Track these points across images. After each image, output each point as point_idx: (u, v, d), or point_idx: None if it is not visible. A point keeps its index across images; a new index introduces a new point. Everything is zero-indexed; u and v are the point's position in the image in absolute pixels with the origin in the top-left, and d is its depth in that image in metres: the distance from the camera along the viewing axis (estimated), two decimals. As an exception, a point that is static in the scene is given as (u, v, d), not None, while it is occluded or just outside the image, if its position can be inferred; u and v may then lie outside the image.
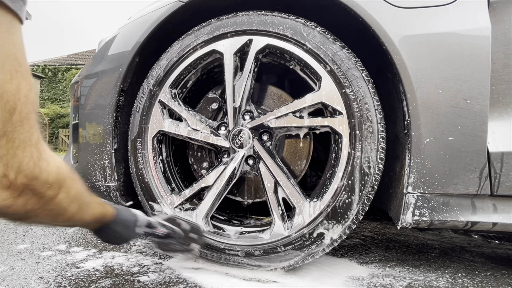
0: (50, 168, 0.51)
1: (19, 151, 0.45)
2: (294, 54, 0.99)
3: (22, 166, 0.46)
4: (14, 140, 0.44)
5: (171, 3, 1.08)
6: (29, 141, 0.46)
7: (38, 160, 0.48)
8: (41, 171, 0.49)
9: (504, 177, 0.87)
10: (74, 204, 0.60)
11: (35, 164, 0.47)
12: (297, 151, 1.12)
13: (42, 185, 0.50)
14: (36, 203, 0.51)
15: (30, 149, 0.47)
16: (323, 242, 0.95)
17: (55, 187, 0.53)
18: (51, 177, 0.51)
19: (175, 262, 1.07)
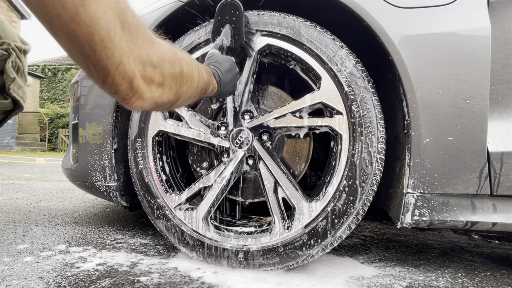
0: (164, 47, 0.53)
1: (138, 40, 0.46)
2: (294, 54, 0.99)
3: (148, 52, 0.47)
4: (131, 30, 0.44)
5: (171, 3, 1.08)
6: (139, 27, 0.46)
7: (153, 44, 0.49)
8: (161, 53, 0.50)
9: (504, 177, 0.87)
10: (193, 67, 0.64)
11: (154, 48, 0.49)
12: (297, 151, 1.12)
13: (169, 65, 0.52)
14: (176, 82, 0.55)
15: (143, 36, 0.47)
16: (323, 242, 0.95)
17: (177, 61, 0.55)
18: (168, 54, 0.53)
19: (176, 262, 1.07)
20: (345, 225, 0.93)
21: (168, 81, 0.53)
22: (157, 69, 0.50)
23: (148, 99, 0.50)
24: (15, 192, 2.45)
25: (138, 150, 1.11)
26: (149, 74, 0.48)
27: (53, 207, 1.93)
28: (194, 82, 0.64)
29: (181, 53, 0.61)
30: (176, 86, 0.57)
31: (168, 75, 0.53)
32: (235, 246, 1.01)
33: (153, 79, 0.49)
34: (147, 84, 0.49)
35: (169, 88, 0.54)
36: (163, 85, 0.52)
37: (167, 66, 0.52)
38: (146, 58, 0.47)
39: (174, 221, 1.07)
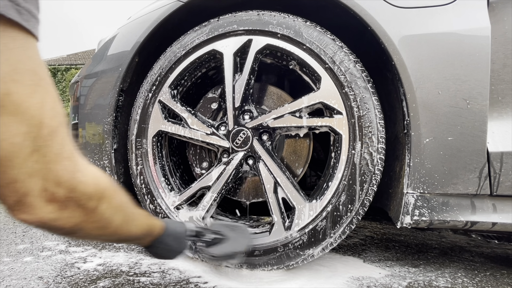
0: (87, 179, 0.51)
1: (53, 165, 0.45)
2: (294, 54, 0.99)
3: (59, 179, 0.46)
4: (46, 155, 0.44)
5: (170, 3, 1.08)
6: (61, 154, 0.46)
7: (74, 173, 0.48)
8: (78, 183, 0.49)
9: (504, 177, 0.87)
10: (118, 215, 0.60)
11: (71, 177, 0.48)
12: (297, 151, 1.12)
13: (81, 196, 0.50)
14: (80, 215, 0.52)
15: (64, 162, 0.47)
16: (322, 242, 0.95)
17: (95, 197, 0.53)
18: (89, 187, 0.51)
19: (175, 262, 1.07)
20: (345, 225, 0.93)
21: (72, 209, 0.50)
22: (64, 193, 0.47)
23: (38, 217, 0.46)
24: (15, 192, 2.45)
25: (138, 150, 1.11)
26: (52, 194, 0.46)
27: (53, 207, 1.93)
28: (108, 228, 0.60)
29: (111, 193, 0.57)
30: (80, 219, 0.52)
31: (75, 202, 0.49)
32: (235, 246, 1.01)
33: (54, 199, 0.47)
34: (44, 202, 0.46)
35: (70, 216, 0.50)
36: (63, 209, 0.49)
37: (79, 195, 0.50)
38: (53, 181, 0.45)
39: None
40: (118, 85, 1.12)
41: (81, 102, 1.22)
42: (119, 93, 1.13)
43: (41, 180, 0.44)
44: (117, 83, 1.12)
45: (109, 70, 1.16)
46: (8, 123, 0.39)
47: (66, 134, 0.48)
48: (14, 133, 0.40)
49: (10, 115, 0.39)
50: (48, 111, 0.44)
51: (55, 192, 0.46)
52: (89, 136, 1.19)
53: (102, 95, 1.16)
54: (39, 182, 0.44)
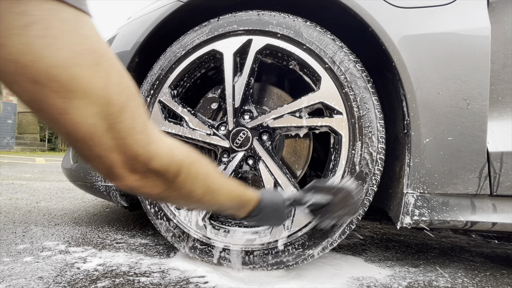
0: (162, 151, 0.53)
1: (127, 139, 0.47)
2: (294, 54, 0.99)
3: (135, 152, 0.49)
4: (120, 130, 0.46)
5: (170, 3, 1.08)
6: (134, 128, 0.48)
7: (147, 145, 0.50)
8: (153, 155, 0.51)
9: (504, 177, 0.87)
10: (199, 185, 0.62)
11: (145, 150, 0.50)
12: (297, 151, 1.12)
13: (158, 167, 0.52)
14: (162, 184, 0.55)
15: (137, 136, 0.48)
16: (323, 242, 0.95)
17: (172, 169, 0.55)
18: (163, 159, 0.53)
19: (175, 262, 1.07)
20: (345, 225, 0.93)
21: (153, 178, 0.54)
22: (142, 166, 0.51)
23: (127, 183, 0.52)
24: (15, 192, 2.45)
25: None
26: (132, 166, 0.50)
27: (53, 207, 1.93)
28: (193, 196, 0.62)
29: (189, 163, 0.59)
30: (163, 187, 0.56)
31: (153, 173, 0.53)
32: (236, 246, 1.01)
33: (135, 170, 0.51)
34: (128, 172, 0.50)
35: (153, 184, 0.54)
36: (146, 178, 0.53)
37: (154, 167, 0.52)
38: (130, 155, 0.49)
39: (174, 221, 1.06)
40: (118, 85, 1.12)
41: (81, 102, 1.22)
42: (119, 93, 1.13)
43: (120, 154, 0.47)
44: (117, 83, 1.12)
45: (109, 70, 1.16)
46: (80, 107, 0.41)
47: (137, 106, 0.49)
48: (87, 115, 0.42)
49: (80, 99, 0.41)
50: (113, 88, 0.44)
51: (134, 164, 0.50)
52: (89, 136, 1.19)
53: (102, 95, 1.16)
54: (119, 156, 0.48)
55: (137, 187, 0.53)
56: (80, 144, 0.45)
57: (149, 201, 1.10)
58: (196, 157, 0.61)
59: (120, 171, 0.49)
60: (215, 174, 0.66)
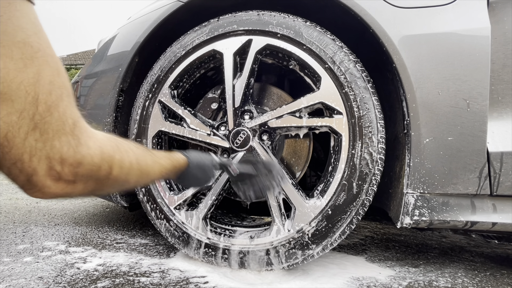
0: (92, 151, 0.49)
1: (55, 141, 0.43)
2: (294, 54, 0.99)
3: (62, 156, 0.44)
4: (47, 131, 0.42)
5: (170, 3, 1.08)
6: (63, 129, 0.44)
7: (77, 147, 0.46)
8: (82, 157, 0.47)
9: (504, 177, 0.87)
10: (133, 173, 0.59)
11: (74, 152, 0.45)
12: (297, 151, 1.12)
13: (90, 169, 0.48)
14: (95, 184, 0.51)
15: (66, 137, 0.44)
16: (323, 242, 0.95)
17: (105, 166, 0.51)
18: (95, 159, 0.49)
19: (175, 262, 1.07)
20: (345, 225, 0.93)
21: (84, 181, 0.49)
22: (70, 170, 0.46)
23: (51, 194, 0.46)
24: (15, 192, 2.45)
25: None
26: (58, 173, 0.45)
27: (53, 207, 1.93)
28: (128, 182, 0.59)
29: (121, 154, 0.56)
30: (95, 186, 0.52)
31: (83, 176, 0.48)
32: (235, 246, 1.01)
33: (61, 177, 0.45)
34: (53, 180, 0.45)
35: (84, 187, 0.50)
36: (74, 183, 0.48)
37: (87, 168, 0.48)
38: (57, 159, 0.44)
39: (174, 221, 1.07)
40: (118, 85, 1.12)
41: (81, 102, 1.22)
42: (119, 93, 1.13)
43: (44, 159, 0.42)
44: (117, 83, 1.12)
45: (109, 70, 1.16)
46: (1, 100, 0.37)
47: (68, 106, 0.44)
48: (8, 111, 0.38)
49: (2, 93, 0.37)
50: (44, 86, 0.41)
51: (61, 171, 0.45)
52: (89, 136, 1.19)
53: (102, 95, 1.16)
54: (43, 162, 0.42)
55: (65, 193, 0.48)
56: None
57: (149, 200, 1.10)
58: (126, 145, 0.58)
59: (42, 179, 0.43)
60: (145, 155, 0.64)
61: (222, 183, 1.03)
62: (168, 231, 1.08)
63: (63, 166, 0.45)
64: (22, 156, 0.41)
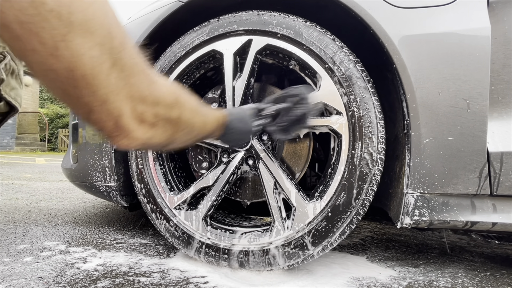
0: (165, 89, 0.49)
1: (133, 79, 0.43)
2: (294, 54, 0.99)
3: (141, 94, 0.44)
4: (125, 68, 0.41)
5: (170, 3, 1.08)
6: (136, 67, 0.44)
7: (151, 85, 0.46)
8: (158, 95, 0.47)
9: (504, 177, 0.87)
10: (197, 117, 0.61)
11: (150, 90, 0.46)
12: (297, 151, 1.12)
13: (166, 108, 0.49)
14: (170, 127, 0.52)
15: (140, 76, 0.44)
16: (323, 242, 0.95)
17: (176, 106, 0.52)
18: (168, 98, 0.50)
19: (175, 262, 1.07)
20: (345, 225, 0.93)
21: (162, 124, 0.50)
22: (151, 110, 0.47)
23: (136, 139, 0.47)
24: (15, 192, 2.45)
25: (138, 150, 1.11)
26: (141, 114, 0.46)
27: (53, 207, 1.93)
28: (193, 131, 0.61)
29: (186, 98, 0.57)
30: (171, 131, 0.53)
31: (163, 117, 0.49)
32: (236, 246, 1.01)
33: (144, 119, 0.46)
34: (137, 123, 0.46)
35: (163, 131, 0.51)
36: (155, 127, 0.49)
37: (163, 108, 0.49)
38: (138, 97, 0.44)
39: (174, 221, 1.07)
40: (118, 85, 1.12)
41: (81, 102, 1.22)
42: (119, 93, 1.13)
43: (127, 98, 0.43)
44: (117, 83, 1.12)
45: (109, 70, 1.16)
46: (82, 33, 0.36)
47: (133, 45, 0.44)
48: (89, 45, 0.37)
49: (78, 29, 0.35)
50: (112, 19, 0.40)
51: (144, 111, 0.45)
52: (89, 136, 1.19)
53: (102, 95, 1.16)
54: (126, 101, 0.43)
55: (148, 139, 0.48)
56: (82, 87, 0.38)
57: (149, 200, 1.10)
58: (183, 91, 0.59)
59: (129, 121, 0.44)
60: (199, 103, 0.65)
61: (222, 183, 1.03)
62: (168, 231, 1.08)
63: (144, 105, 0.45)
64: (108, 96, 0.41)
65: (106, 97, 0.41)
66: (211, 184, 1.04)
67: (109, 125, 0.43)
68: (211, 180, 1.05)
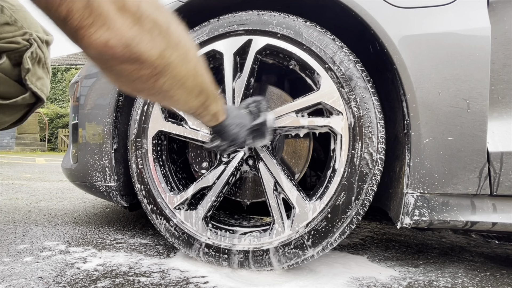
0: None
1: None
2: (294, 54, 0.99)
3: None
4: None
5: (170, 3, 1.08)
6: None
7: None
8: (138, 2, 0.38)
9: (504, 177, 0.87)
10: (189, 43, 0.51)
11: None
12: (297, 151, 1.12)
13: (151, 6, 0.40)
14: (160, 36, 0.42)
15: None
16: (323, 242, 0.95)
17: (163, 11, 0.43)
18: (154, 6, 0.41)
19: (175, 262, 1.07)
20: (344, 225, 0.93)
21: (149, 25, 0.40)
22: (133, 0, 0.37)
23: (117, 32, 0.36)
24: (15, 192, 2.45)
25: (138, 150, 1.11)
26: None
27: (53, 207, 1.93)
28: (189, 60, 0.51)
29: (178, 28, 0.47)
30: (161, 42, 0.43)
31: (147, 15, 0.40)
32: (236, 246, 1.01)
33: (125, 6, 0.37)
34: (116, 9, 0.36)
35: (150, 36, 0.41)
36: (141, 23, 0.39)
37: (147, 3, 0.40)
38: None
39: (174, 221, 1.07)
40: (118, 85, 1.12)
41: (81, 102, 1.22)
42: (119, 93, 1.13)
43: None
44: (117, 83, 1.12)
45: (109, 70, 1.16)
46: None
47: None
48: None
49: None
50: None
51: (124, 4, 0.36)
52: (89, 136, 1.19)
53: (102, 95, 1.16)
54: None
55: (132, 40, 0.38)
56: None
57: (149, 200, 1.10)
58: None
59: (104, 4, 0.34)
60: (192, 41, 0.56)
61: (221, 183, 1.03)
62: (168, 231, 1.08)
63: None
64: None
65: None
66: (211, 184, 1.04)
67: (78, 5, 0.33)
68: (211, 180, 1.05)
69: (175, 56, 0.47)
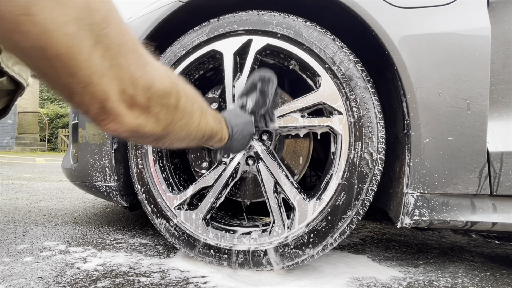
0: (160, 72, 0.44)
1: (122, 59, 0.38)
2: (294, 54, 0.99)
3: (132, 75, 0.40)
4: (110, 47, 0.37)
5: (170, 3, 1.08)
6: (125, 45, 0.39)
7: (144, 66, 0.42)
8: (153, 77, 0.42)
9: (504, 177, 0.87)
10: (196, 106, 0.56)
11: (143, 71, 0.41)
12: (297, 151, 1.12)
13: (162, 93, 0.44)
14: (166, 115, 0.47)
15: (131, 55, 0.40)
16: (323, 242, 0.95)
17: (174, 92, 0.47)
18: (165, 82, 0.45)
19: (175, 262, 1.07)
20: (345, 225, 0.93)
21: (156, 110, 0.45)
22: (143, 94, 0.42)
23: (125, 124, 0.42)
24: (15, 192, 2.45)
25: (138, 150, 1.11)
26: (131, 97, 0.41)
27: (53, 207, 1.93)
28: (192, 122, 0.56)
29: (183, 85, 0.52)
30: (167, 119, 0.47)
31: (157, 102, 0.44)
32: (236, 246, 1.01)
33: (135, 103, 0.42)
34: (127, 107, 0.41)
35: (156, 119, 0.45)
36: (148, 112, 0.44)
37: (157, 93, 0.44)
38: (128, 79, 0.40)
39: (174, 221, 1.07)
40: (118, 85, 1.12)
41: (81, 102, 1.22)
42: (119, 93, 1.13)
43: (114, 80, 0.38)
44: (117, 83, 1.12)
45: (109, 70, 1.16)
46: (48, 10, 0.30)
47: (122, 21, 0.39)
48: (62, 21, 0.31)
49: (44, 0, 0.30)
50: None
51: (134, 94, 0.40)
52: (89, 136, 1.19)
53: (102, 95, 1.16)
54: (113, 83, 0.38)
55: (138, 126, 0.43)
56: (58, 68, 0.34)
57: (150, 200, 1.10)
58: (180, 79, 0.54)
59: (116, 105, 0.39)
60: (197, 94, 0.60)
61: (221, 184, 1.03)
62: (168, 231, 1.08)
63: (135, 89, 0.41)
64: (91, 77, 0.36)
65: (89, 79, 0.36)
66: (211, 184, 1.04)
67: (94, 108, 0.39)
68: (211, 180, 1.05)
69: (179, 125, 0.52)
